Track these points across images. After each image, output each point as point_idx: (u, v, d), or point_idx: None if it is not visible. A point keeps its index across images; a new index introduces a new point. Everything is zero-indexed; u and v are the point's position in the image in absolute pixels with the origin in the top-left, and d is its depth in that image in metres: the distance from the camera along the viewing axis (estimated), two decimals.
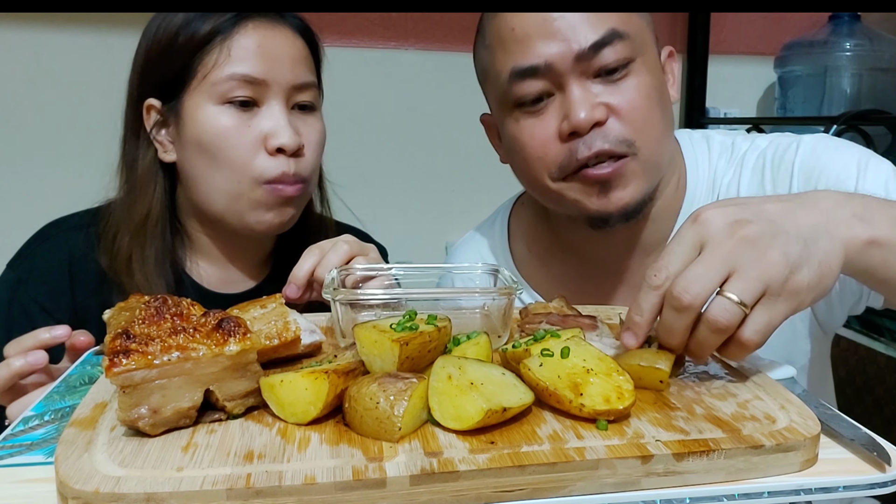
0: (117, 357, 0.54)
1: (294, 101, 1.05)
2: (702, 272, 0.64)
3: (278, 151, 1.01)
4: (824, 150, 0.98)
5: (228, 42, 1.00)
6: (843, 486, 0.54)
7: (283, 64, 1.02)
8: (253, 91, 1.01)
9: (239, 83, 1.00)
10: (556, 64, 0.91)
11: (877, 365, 1.78)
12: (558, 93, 0.94)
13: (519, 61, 0.93)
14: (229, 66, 1.00)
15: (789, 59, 2.17)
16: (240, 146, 1.00)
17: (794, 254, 0.64)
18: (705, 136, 1.10)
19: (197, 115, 1.01)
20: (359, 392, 0.56)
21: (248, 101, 1.01)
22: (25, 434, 0.62)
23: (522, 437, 0.55)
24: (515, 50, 0.94)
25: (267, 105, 1.02)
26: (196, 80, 1.01)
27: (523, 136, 0.97)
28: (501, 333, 0.78)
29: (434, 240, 2.14)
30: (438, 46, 2.08)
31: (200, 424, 0.58)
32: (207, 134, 1.01)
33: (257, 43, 1.01)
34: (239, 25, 1.01)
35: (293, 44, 1.04)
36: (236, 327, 0.58)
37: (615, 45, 0.91)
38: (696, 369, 0.71)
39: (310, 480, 0.49)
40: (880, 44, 2.07)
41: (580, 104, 0.91)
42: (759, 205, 0.68)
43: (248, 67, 1.00)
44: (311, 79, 1.06)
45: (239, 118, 1.01)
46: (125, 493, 0.47)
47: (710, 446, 0.54)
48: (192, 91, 1.02)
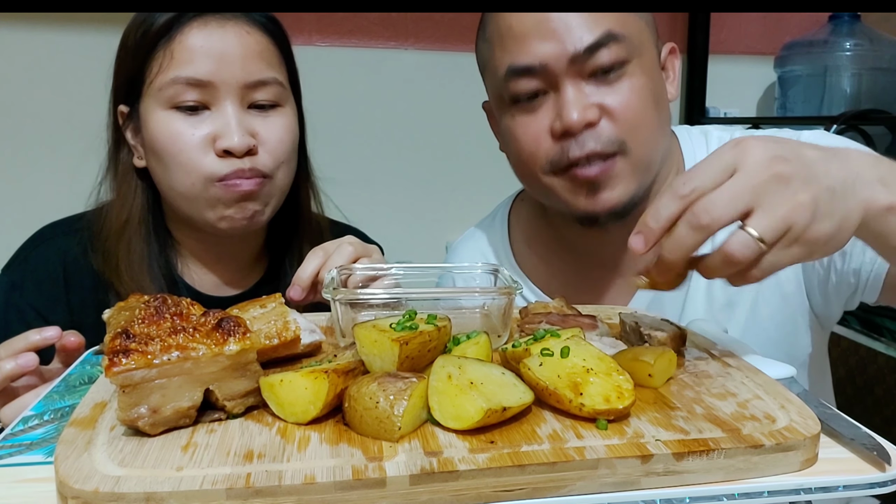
0: (117, 357, 0.54)
1: (250, 99, 1.00)
2: (728, 197, 0.63)
3: (226, 153, 0.98)
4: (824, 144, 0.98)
5: (171, 45, 0.97)
6: (843, 485, 0.54)
7: (232, 63, 0.97)
8: (200, 94, 0.97)
9: (183, 87, 0.96)
10: (551, 64, 0.92)
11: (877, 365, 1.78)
12: (552, 92, 0.95)
13: (515, 60, 0.94)
14: (172, 70, 0.97)
15: (789, 59, 2.17)
16: (188, 150, 0.98)
17: (822, 202, 0.64)
18: (703, 131, 1.11)
19: (149, 121, 1.00)
20: (359, 392, 0.56)
21: (196, 104, 0.97)
22: (25, 434, 0.62)
23: (522, 437, 0.55)
24: (512, 48, 0.95)
25: (217, 107, 0.98)
26: (146, 85, 0.99)
27: (517, 130, 0.98)
28: (501, 333, 0.78)
29: (434, 240, 2.14)
30: (438, 46, 2.08)
31: (200, 424, 0.58)
32: (159, 140, 0.99)
33: (201, 43, 0.97)
34: (183, 26, 0.97)
35: (245, 41, 0.99)
36: (236, 327, 0.58)
37: (610, 47, 0.92)
38: (695, 368, 0.71)
39: (309, 480, 0.49)
40: (880, 44, 2.07)
41: (573, 105, 0.92)
42: (798, 147, 0.67)
43: (191, 70, 0.96)
44: (268, 75, 1.01)
45: (187, 122, 0.98)
46: (125, 493, 0.47)
47: (709, 446, 0.54)
48: (145, 96, 1.00)
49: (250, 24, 1.01)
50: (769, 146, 0.65)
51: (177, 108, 0.98)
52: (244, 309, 0.73)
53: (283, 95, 1.04)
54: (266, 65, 1.01)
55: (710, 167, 0.65)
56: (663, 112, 1.00)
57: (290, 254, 1.14)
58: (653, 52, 0.99)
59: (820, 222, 0.64)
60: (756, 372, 0.70)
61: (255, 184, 1.01)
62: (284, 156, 1.04)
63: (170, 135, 0.98)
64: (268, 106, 1.02)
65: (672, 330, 0.75)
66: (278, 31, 1.05)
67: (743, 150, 0.65)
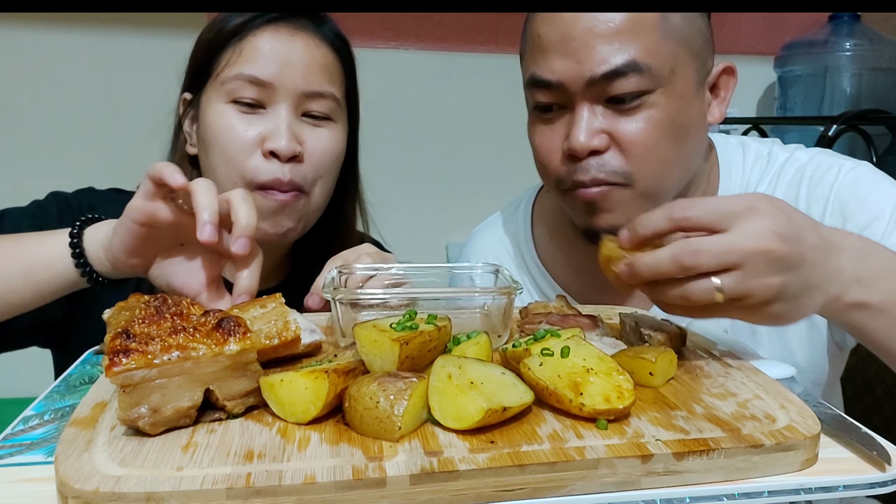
0: (117, 356, 0.54)
1: (304, 108, 1.04)
2: (718, 252, 0.66)
3: (272, 155, 1.00)
4: (864, 184, 0.98)
5: (242, 43, 1.01)
6: (843, 485, 0.54)
7: (295, 69, 1.02)
8: (259, 93, 1.01)
9: (245, 83, 1.00)
10: (567, 84, 0.91)
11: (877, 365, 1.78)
12: (569, 109, 0.94)
13: (537, 71, 0.94)
14: (238, 66, 1.01)
15: (789, 59, 2.17)
16: (236, 143, 1.01)
17: (790, 290, 0.68)
18: (741, 142, 1.10)
19: (207, 111, 1.03)
20: (359, 391, 0.56)
21: (254, 102, 1.01)
22: (25, 433, 0.62)
23: (522, 437, 0.55)
24: (538, 58, 0.94)
25: (272, 108, 1.02)
26: (212, 77, 1.03)
27: (535, 139, 0.99)
28: (501, 333, 0.78)
29: (434, 240, 2.15)
30: (438, 46, 2.08)
31: (200, 424, 0.58)
32: (211, 129, 1.02)
33: (270, 46, 1.01)
34: (258, 28, 1.02)
35: (312, 52, 1.04)
36: (236, 327, 0.58)
37: (629, 78, 0.89)
38: (695, 368, 0.71)
39: (310, 480, 0.49)
40: (880, 44, 2.07)
41: (581, 129, 0.91)
42: (802, 230, 0.70)
43: (255, 69, 1.00)
44: (327, 89, 1.05)
45: (241, 118, 1.01)
46: (125, 493, 0.47)
47: (710, 445, 0.54)
48: (209, 87, 1.04)
49: (319, 38, 1.05)
50: (778, 220, 0.67)
51: (235, 103, 1.02)
52: (244, 309, 0.73)
53: (336, 111, 1.08)
54: (327, 79, 1.05)
55: (715, 209, 0.68)
56: (688, 142, 0.96)
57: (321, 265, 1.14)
58: (690, 78, 0.94)
59: (777, 305, 0.68)
60: (756, 372, 0.70)
61: (291, 197, 1.03)
62: (324, 169, 1.06)
63: (223, 127, 1.01)
64: (320, 118, 1.06)
65: (672, 330, 0.75)
66: (345, 49, 1.10)
67: (755, 211, 0.67)
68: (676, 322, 0.80)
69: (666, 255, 0.67)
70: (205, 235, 0.75)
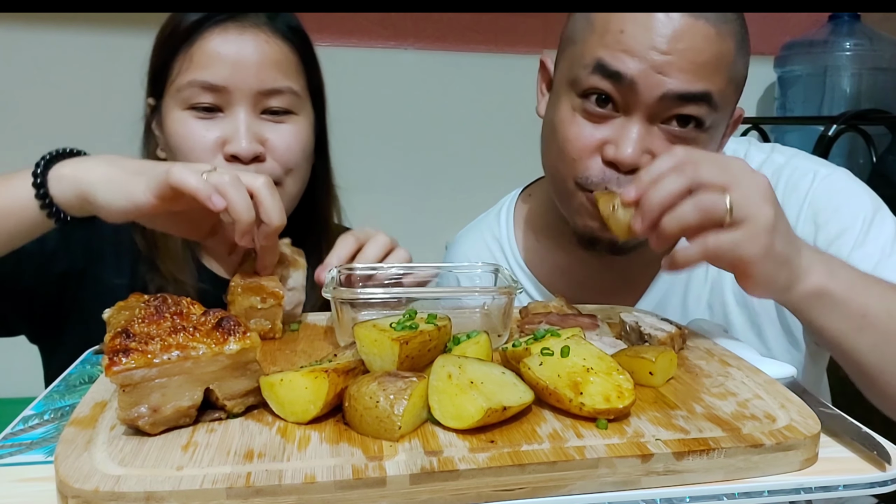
0: (117, 356, 0.54)
1: (263, 106, 1.02)
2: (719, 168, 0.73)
3: (234, 158, 0.99)
4: (838, 193, 0.98)
5: (192, 48, 0.99)
6: (843, 484, 0.54)
7: (248, 69, 0.99)
8: (215, 97, 0.99)
9: (198, 90, 0.99)
10: (639, 87, 0.87)
11: None
12: (624, 115, 0.90)
13: (610, 61, 0.88)
14: (190, 73, 0.99)
15: (789, 59, 2.17)
16: (197, 150, 0.99)
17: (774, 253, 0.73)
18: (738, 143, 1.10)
19: (167, 119, 1.02)
20: (359, 391, 0.56)
21: (210, 107, 0.99)
22: (25, 433, 0.62)
23: (522, 436, 0.55)
24: (612, 45, 0.89)
25: (230, 111, 1.00)
26: (168, 84, 1.01)
27: (570, 131, 0.93)
28: (501, 332, 0.78)
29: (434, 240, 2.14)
30: (438, 46, 2.08)
31: (200, 423, 0.58)
32: (173, 138, 1.01)
33: (219, 49, 0.99)
34: (204, 31, 0.99)
35: (264, 48, 1.01)
36: (236, 326, 0.58)
37: (699, 105, 0.88)
38: (695, 368, 0.71)
39: (310, 479, 0.49)
40: (880, 44, 2.07)
41: (631, 142, 0.88)
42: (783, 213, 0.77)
43: (207, 74, 0.98)
44: (284, 84, 1.02)
45: (200, 123, 1.00)
46: (125, 492, 0.47)
47: (710, 445, 0.54)
48: (167, 95, 1.02)
49: (270, 33, 1.02)
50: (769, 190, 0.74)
51: (192, 109, 1.00)
52: (245, 294, 0.79)
53: (297, 104, 1.05)
54: (282, 74, 1.03)
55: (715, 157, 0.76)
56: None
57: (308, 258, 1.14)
58: (724, 123, 0.96)
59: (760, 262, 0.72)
60: (756, 371, 0.70)
61: None
62: (293, 163, 1.05)
63: (183, 134, 1.00)
64: (281, 112, 1.04)
65: (672, 329, 0.75)
66: (300, 40, 1.07)
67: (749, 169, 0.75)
68: (676, 322, 0.80)
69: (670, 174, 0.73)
70: (245, 243, 0.80)
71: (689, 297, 1.04)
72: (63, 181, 0.81)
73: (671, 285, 1.05)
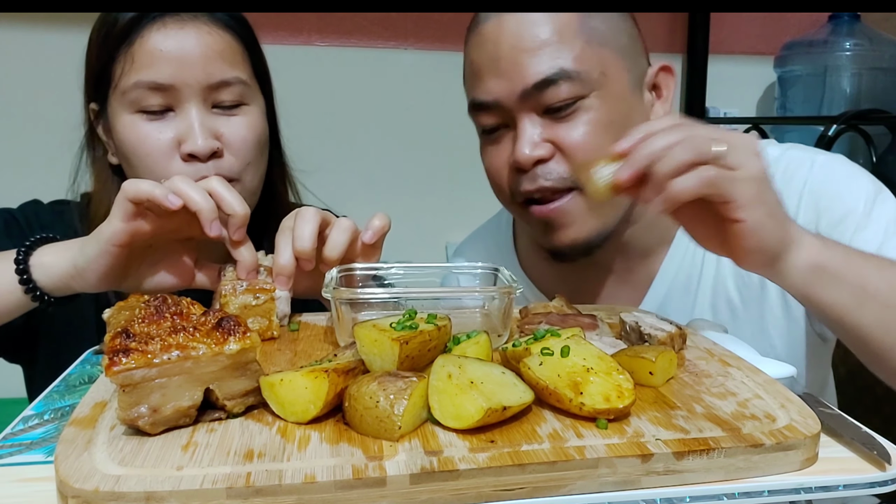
0: (117, 356, 0.54)
1: (213, 100, 0.99)
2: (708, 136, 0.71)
3: (192, 157, 0.97)
4: (837, 178, 0.98)
5: (132, 48, 0.96)
6: (844, 484, 0.54)
7: (194, 64, 0.96)
8: (163, 97, 0.97)
9: (145, 91, 0.96)
10: (503, 101, 0.94)
11: None
12: (511, 126, 0.96)
13: (475, 95, 0.97)
14: (134, 74, 0.96)
15: (789, 59, 2.17)
16: (153, 153, 0.97)
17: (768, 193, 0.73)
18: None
19: (116, 124, 0.99)
20: (359, 391, 0.56)
21: (160, 108, 0.97)
22: (25, 433, 0.62)
23: (522, 436, 0.55)
24: (474, 83, 0.98)
25: (181, 109, 0.98)
26: (111, 87, 0.99)
27: (485, 160, 1.02)
28: (501, 332, 0.78)
29: (434, 240, 2.15)
30: (438, 46, 2.08)
31: (200, 423, 0.58)
32: (126, 143, 0.99)
33: (160, 46, 0.96)
34: (143, 29, 0.96)
35: (206, 40, 0.98)
36: (236, 326, 0.58)
37: (560, 85, 0.91)
38: (695, 368, 0.71)
39: (310, 479, 0.49)
40: (880, 44, 2.07)
41: (523, 142, 0.93)
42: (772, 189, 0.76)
43: (151, 74, 0.95)
44: (232, 75, 0.99)
45: (151, 126, 0.97)
46: (125, 492, 0.47)
47: (710, 445, 0.54)
48: (112, 98, 1.00)
49: (211, 24, 0.99)
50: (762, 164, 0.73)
51: (141, 111, 0.98)
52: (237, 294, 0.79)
53: (247, 94, 1.03)
54: (228, 65, 1.00)
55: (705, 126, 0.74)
56: None
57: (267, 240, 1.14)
58: (623, 79, 0.96)
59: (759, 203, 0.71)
60: (756, 371, 0.70)
61: None
62: (250, 156, 1.03)
63: (135, 139, 0.98)
64: (232, 105, 1.01)
65: (672, 329, 0.75)
66: (241, 27, 1.04)
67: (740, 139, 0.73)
68: (676, 322, 0.80)
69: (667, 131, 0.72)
70: (215, 232, 0.80)
71: (691, 297, 1.04)
72: (44, 268, 0.83)
73: (670, 288, 1.05)
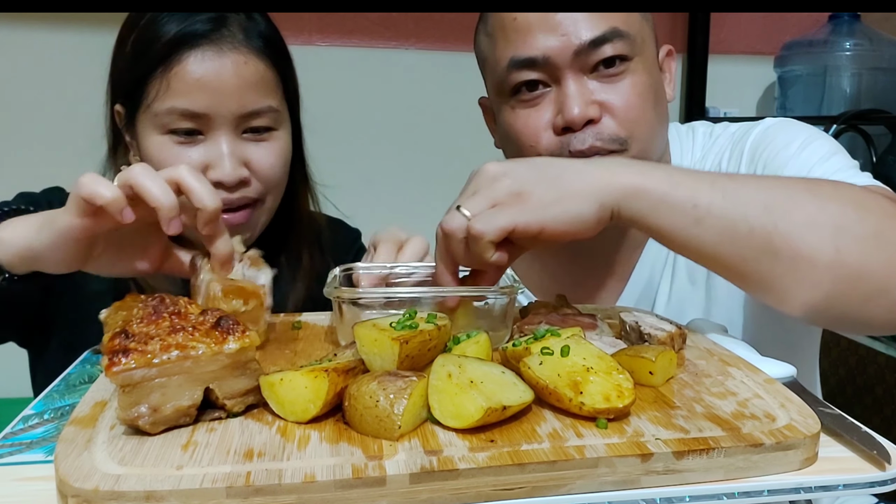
0: (117, 356, 0.54)
1: (245, 126, 1.00)
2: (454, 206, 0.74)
3: (218, 184, 0.97)
4: (775, 130, 1.00)
5: (169, 74, 0.96)
6: (843, 484, 0.54)
7: (230, 95, 0.97)
8: (195, 123, 0.97)
9: (179, 117, 0.96)
10: (554, 57, 0.93)
11: (877, 364, 1.78)
12: (555, 86, 0.96)
13: (519, 51, 0.95)
14: (169, 100, 0.96)
15: (789, 59, 2.17)
16: None
17: (529, 179, 0.73)
18: (691, 127, 1.13)
19: (144, 142, 1.00)
20: (359, 390, 0.56)
21: (191, 130, 0.97)
22: (25, 433, 0.62)
23: (522, 436, 0.55)
24: (516, 39, 0.95)
25: (211, 135, 0.98)
26: (143, 107, 0.99)
27: (517, 124, 0.99)
28: (502, 332, 0.78)
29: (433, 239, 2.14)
30: (438, 46, 2.08)
31: (200, 423, 0.58)
32: (152, 162, 0.97)
33: (198, 75, 0.96)
34: (181, 55, 0.96)
35: (242, 71, 0.98)
36: (235, 325, 0.58)
37: (615, 43, 0.93)
38: (695, 367, 0.71)
39: (310, 478, 0.49)
40: (880, 44, 2.07)
41: (575, 100, 0.93)
42: (532, 161, 0.79)
43: (186, 102, 0.96)
44: (264, 104, 1.01)
45: (180, 149, 0.98)
46: (125, 491, 0.47)
47: (709, 444, 0.54)
48: (142, 115, 1.00)
49: (248, 53, 0.99)
50: (500, 164, 0.76)
51: (171, 133, 0.98)
52: (227, 297, 0.75)
53: (277, 119, 1.04)
54: (262, 95, 1.01)
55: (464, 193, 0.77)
56: (662, 110, 1.01)
57: (286, 251, 1.14)
58: (654, 51, 1.01)
59: (528, 188, 0.72)
60: (756, 371, 0.70)
61: (244, 216, 1.01)
62: (275, 180, 1.04)
63: (163, 160, 0.97)
64: (262, 130, 1.02)
65: (672, 329, 0.75)
66: (277, 55, 1.04)
67: (477, 173, 0.77)
68: (676, 321, 0.80)
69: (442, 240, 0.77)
70: (173, 230, 0.74)
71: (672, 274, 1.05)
72: (2, 244, 0.80)
73: (652, 269, 1.06)
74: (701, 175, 0.77)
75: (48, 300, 1.04)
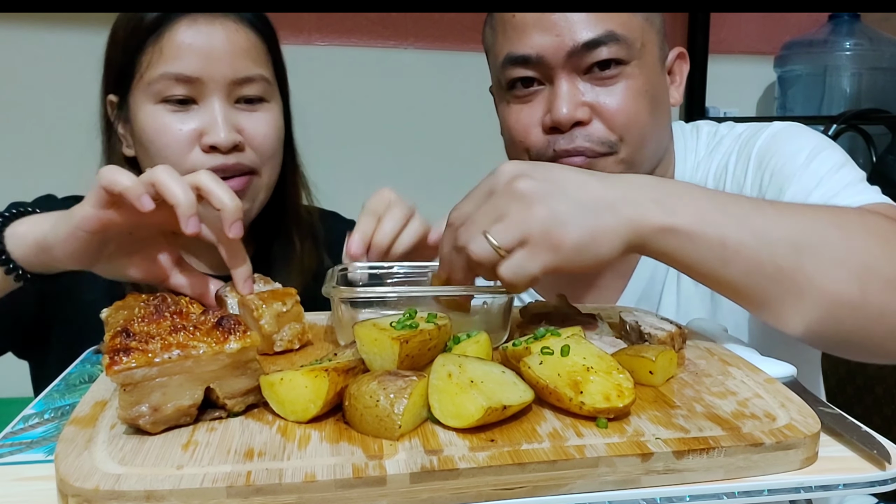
0: (117, 355, 0.54)
1: (237, 94, 1.02)
2: (477, 218, 0.70)
3: (212, 149, 0.99)
4: (783, 137, 1.00)
5: (161, 40, 0.98)
6: (843, 483, 0.54)
7: (221, 59, 0.99)
8: (189, 89, 0.99)
9: (172, 82, 0.98)
10: (548, 57, 0.94)
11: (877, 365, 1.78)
12: (548, 84, 0.96)
13: (514, 48, 0.96)
14: (162, 66, 0.98)
15: (789, 59, 2.17)
16: (173, 144, 0.99)
17: (562, 212, 0.67)
18: (696, 126, 1.13)
19: (138, 114, 1.01)
20: (359, 390, 0.56)
21: (184, 98, 0.99)
22: (25, 432, 0.62)
23: (522, 435, 0.55)
24: (513, 36, 0.97)
25: (204, 102, 1.00)
26: (136, 78, 1.00)
27: (510, 119, 1.01)
28: (501, 332, 0.78)
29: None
30: (438, 46, 2.08)
31: (201, 422, 0.58)
32: (146, 133, 1.00)
33: (190, 40, 0.98)
34: (172, 23, 0.98)
35: (234, 37, 1.01)
36: (236, 325, 0.58)
37: (610, 46, 0.93)
38: (695, 367, 0.71)
39: (310, 478, 0.49)
40: (880, 43, 2.08)
41: (564, 100, 0.94)
42: (552, 169, 0.72)
43: (180, 66, 0.98)
44: (256, 72, 1.03)
45: (174, 116, 0.99)
46: (125, 491, 0.47)
47: (710, 444, 0.54)
48: (135, 89, 1.01)
49: (239, 22, 1.02)
50: (519, 168, 0.70)
51: (165, 102, 0.99)
52: (267, 301, 0.75)
53: (269, 91, 1.06)
54: (253, 62, 1.03)
55: (472, 196, 0.73)
56: (660, 115, 1.00)
57: (278, 240, 1.15)
58: (655, 55, 1.00)
59: (562, 229, 0.67)
60: (756, 371, 0.70)
61: (242, 182, 1.02)
62: (270, 151, 1.06)
63: (157, 128, 0.99)
64: (255, 100, 1.04)
65: (673, 329, 0.75)
66: (266, 28, 1.07)
67: (494, 174, 0.71)
68: (677, 321, 0.80)
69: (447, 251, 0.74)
70: (191, 229, 0.73)
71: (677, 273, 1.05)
72: (17, 238, 0.80)
73: (654, 267, 1.06)
74: (729, 208, 0.72)
75: (45, 310, 1.04)
